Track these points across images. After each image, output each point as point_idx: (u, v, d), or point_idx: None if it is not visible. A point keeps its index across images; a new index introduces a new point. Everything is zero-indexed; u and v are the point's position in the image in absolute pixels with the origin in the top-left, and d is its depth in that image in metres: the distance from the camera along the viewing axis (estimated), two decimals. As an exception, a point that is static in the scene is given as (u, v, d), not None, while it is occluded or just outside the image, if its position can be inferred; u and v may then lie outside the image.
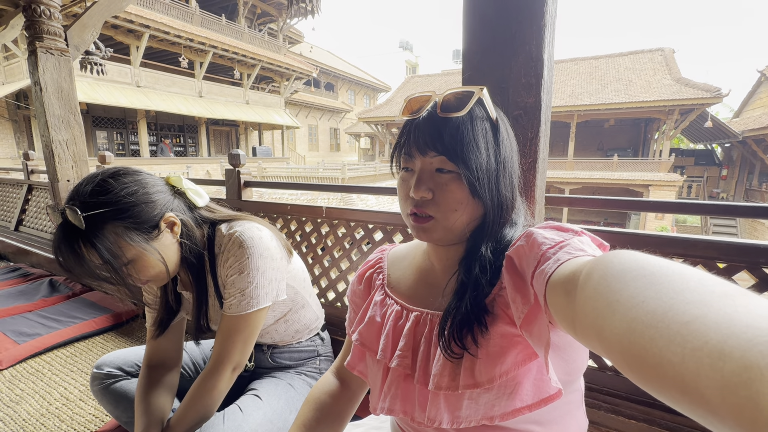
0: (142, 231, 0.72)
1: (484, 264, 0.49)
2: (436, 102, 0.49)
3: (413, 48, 41.73)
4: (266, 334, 0.99)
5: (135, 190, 0.72)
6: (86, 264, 0.68)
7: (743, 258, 0.82)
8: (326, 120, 24.93)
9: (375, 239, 1.38)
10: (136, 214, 0.71)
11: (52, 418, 1.25)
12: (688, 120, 13.25)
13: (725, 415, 0.18)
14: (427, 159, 0.49)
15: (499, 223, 0.51)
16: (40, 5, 2.09)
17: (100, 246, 0.66)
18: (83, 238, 0.66)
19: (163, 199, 0.77)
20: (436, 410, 0.50)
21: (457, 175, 0.48)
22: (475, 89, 0.48)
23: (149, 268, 0.74)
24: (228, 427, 0.79)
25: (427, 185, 0.49)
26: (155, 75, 12.71)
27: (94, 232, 0.66)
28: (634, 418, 0.86)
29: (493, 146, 0.49)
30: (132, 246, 0.70)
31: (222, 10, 15.63)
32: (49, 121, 2.20)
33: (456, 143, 0.47)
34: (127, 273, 0.71)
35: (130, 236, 0.70)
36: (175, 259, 0.79)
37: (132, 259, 0.71)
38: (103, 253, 0.66)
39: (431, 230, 0.50)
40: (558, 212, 14.76)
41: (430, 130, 0.48)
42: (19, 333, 1.72)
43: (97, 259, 0.67)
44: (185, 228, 0.80)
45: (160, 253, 0.74)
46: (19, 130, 11.04)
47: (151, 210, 0.74)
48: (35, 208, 3.15)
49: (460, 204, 0.49)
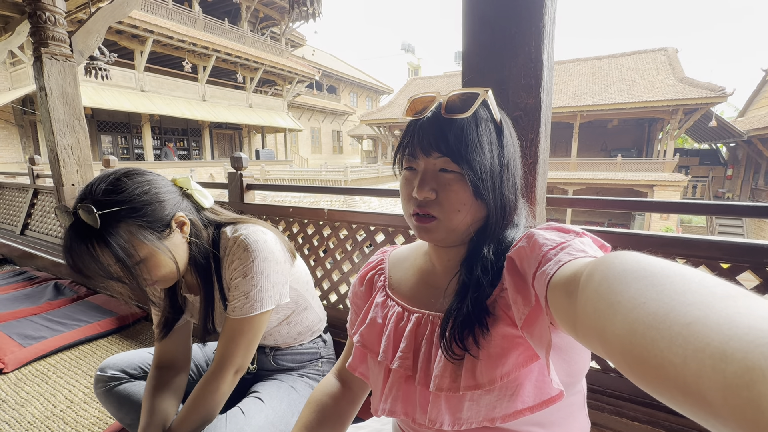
0: (155, 230, 0.73)
1: (486, 265, 0.49)
2: (440, 103, 0.49)
3: (415, 50, 41.80)
4: (269, 336, 0.99)
5: (148, 189, 0.73)
6: (97, 264, 0.67)
7: (747, 258, 0.81)
8: (329, 122, 25.01)
9: (377, 241, 1.38)
10: (149, 213, 0.72)
11: (57, 421, 1.26)
12: (692, 120, 13.17)
13: (727, 416, 0.18)
14: (431, 159, 0.49)
15: (501, 225, 0.51)
16: (46, 12, 2.12)
17: (114, 244, 0.66)
18: (97, 236, 0.66)
19: (174, 199, 0.78)
20: (437, 412, 0.50)
21: (460, 176, 0.48)
22: (480, 91, 0.48)
23: (160, 267, 0.74)
24: (230, 429, 0.80)
25: (431, 185, 0.49)
26: (159, 79, 12.81)
27: (108, 230, 0.66)
28: (638, 420, 0.85)
29: (497, 148, 0.49)
30: (145, 245, 0.71)
31: (225, 14, 15.75)
32: (54, 126, 2.22)
33: (460, 144, 0.47)
34: (138, 273, 0.71)
35: (143, 235, 0.70)
36: (184, 258, 0.80)
37: (144, 257, 0.72)
38: (117, 251, 0.66)
39: (434, 231, 0.50)
40: (561, 213, 14.69)
41: (435, 131, 0.49)
42: (25, 336, 1.73)
43: (110, 258, 0.67)
44: (194, 228, 0.81)
45: (171, 252, 0.75)
46: (25, 135, 11.16)
47: (163, 209, 0.74)
48: (41, 212, 3.18)
49: (463, 205, 0.49)
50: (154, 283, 0.77)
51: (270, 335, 0.99)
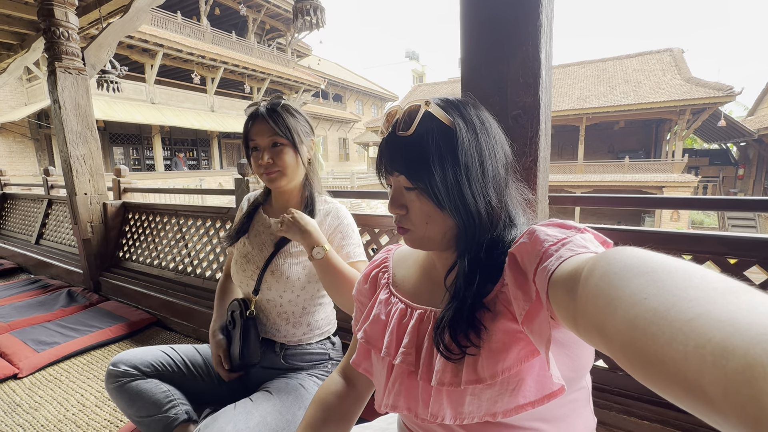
0: (305, 135, 1.00)
1: (466, 275, 0.49)
2: (397, 119, 0.50)
3: (419, 57, 42.06)
4: (286, 318, 1.03)
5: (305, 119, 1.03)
6: (279, 118, 0.95)
7: (754, 253, 0.81)
8: (335, 130, 25.20)
9: (381, 243, 1.39)
10: (305, 124, 1.01)
11: (69, 424, 1.28)
12: (700, 120, 12.99)
13: (728, 412, 0.18)
14: (395, 178, 0.52)
15: (477, 230, 0.50)
16: (59, 27, 2.20)
17: (298, 116, 0.98)
18: (288, 108, 0.97)
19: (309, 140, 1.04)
20: (438, 406, 0.50)
21: (420, 190, 0.50)
22: (420, 103, 0.49)
23: (286, 157, 0.96)
24: (238, 412, 0.84)
25: (400, 202, 0.52)
26: (169, 92, 13.09)
27: (293, 110, 0.98)
28: (647, 418, 0.84)
29: (449, 158, 0.47)
30: (300, 135, 0.98)
31: (232, 27, 16.08)
32: (68, 137, 2.29)
33: (410, 162, 0.49)
34: (275, 151, 0.95)
35: (304, 130, 1.00)
36: (299, 174, 1.01)
37: (288, 143, 0.96)
38: (296, 119, 0.97)
39: (413, 240, 0.54)
40: (570, 215, 14.55)
41: (390, 151, 0.51)
42: (39, 342, 1.77)
43: (285, 121, 0.95)
44: (310, 166, 1.05)
45: (300, 154, 0.98)
46: (40, 149, 11.44)
47: (309, 132, 1.03)
48: (55, 222, 3.25)
49: (429, 217, 0.50)
50: (274, 169, 0.96)
51: (290, 302, 1.02)
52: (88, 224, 2.45)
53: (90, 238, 2.45)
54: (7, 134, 10.77)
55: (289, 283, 1.00)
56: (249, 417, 0.84)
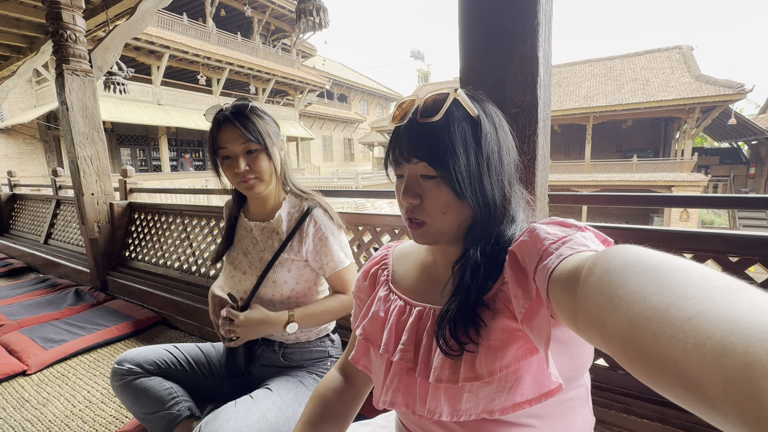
0: (276, 136, 0.98)
1: (473, 267, 0.49)
2: (418, 107, 0.50)
3: (424, 57, 41.98)
4: (279, 307, 1.03)
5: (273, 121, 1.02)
6: (250, 123, 0.91)
7: (756, 251, 0.80)
8: (340, 130, 25.24)
9: (383, 242, 1.39)
10: (274, 125, 1.00)
11: (76, 420, 1.30)
12: (710, 118, 12.80)
13: (728, 411, 0.18)
14: (412, 165, 0.51)
15: (490, 222, 0.50)
16: (67, 30, 2.23)
17: (266, 117, 0.97)
18: (256, 110, 0.95)
19: None
20: (436, 403, 0.50)
21: (440, 179, 0.49)
22: (450, 90, 0.49)
23: (261, 163, 0.94)
24: (239, 409, 0.85)
25: (415, 191, 0.51)
26: (175, 93, 13.20)
27: (260, 112, 0.96)
28: (647, 417, 0.83)
29: (473, 146, 0.48)
30: (272, 137, 0.96)
31: (237, 28, 16.18)
32: (75, 138, 2.32)
33: (435, 148, 0.48)
34: (251, 158, 0.93)
35: (275, 132, 0.98)
36: (274, 175, 0.99)
37: (261, 147, 0.93)
38: (265, 121, 0.95)
39: (425, 234, 0.52)
40: (576, 215, 14.38)
41: (411, 137, 0.50)
42: (47, 339, 1.80)
43: (256, 126, 0.92)
44: (283, 164, 1.03)
45: (273, 157, 0.96)
46: (49, 150, 11.62)
47: (278, 132, 1.02)
48: (63, 222, 3.30)
49: (447, 207, 0.50)
50: (250, 176, 0.93)
51: (290, 299, 1.03)
52: (95, 224, 2.48)
53: (97, 237, 2.49)
54: (17, 136, 10.95)
55: (277, 286, 1.01)
56: (249, 414, 0.84)
